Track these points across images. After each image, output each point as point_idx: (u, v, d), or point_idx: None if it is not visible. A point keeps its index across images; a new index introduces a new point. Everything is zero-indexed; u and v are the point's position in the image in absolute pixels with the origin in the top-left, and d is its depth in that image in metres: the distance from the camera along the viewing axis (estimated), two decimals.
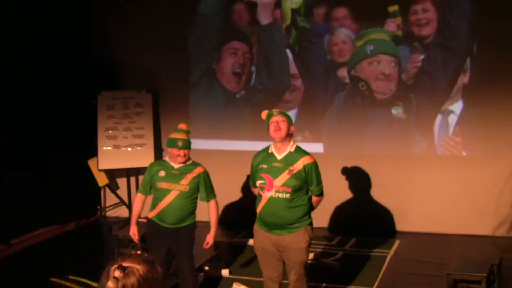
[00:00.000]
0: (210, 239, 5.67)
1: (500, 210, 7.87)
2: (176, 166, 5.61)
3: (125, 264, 2.42)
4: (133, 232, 5.76)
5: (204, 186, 5.66)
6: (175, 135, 5.62)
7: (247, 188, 8.48)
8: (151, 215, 5.65)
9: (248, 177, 5.67)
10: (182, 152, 5.56)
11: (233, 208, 8.70)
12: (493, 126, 7.85)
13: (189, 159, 5.69)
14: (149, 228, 5.72)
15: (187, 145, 5.58)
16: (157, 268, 2.49)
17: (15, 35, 8.22)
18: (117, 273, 2.36)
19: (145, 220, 5.90)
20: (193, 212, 5.66)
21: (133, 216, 5.79)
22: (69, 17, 8.98)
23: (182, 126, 5.74)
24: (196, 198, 5.69)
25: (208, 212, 5.73)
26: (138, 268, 2.41)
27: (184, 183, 5.55)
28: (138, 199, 5.78)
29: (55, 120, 8.74)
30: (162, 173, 5.59)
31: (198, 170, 5.65)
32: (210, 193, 5.71)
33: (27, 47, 8.37)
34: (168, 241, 5.58)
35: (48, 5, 8.61)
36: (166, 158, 5.74)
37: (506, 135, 7.80)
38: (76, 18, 9.13)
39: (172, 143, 5.57)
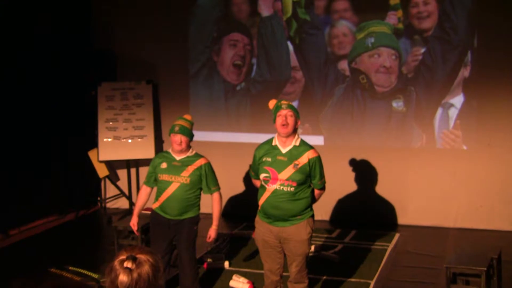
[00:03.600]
0: (212, 232, 5.58)
1: (500, 204, 7.88)
2: (178, 158, 5.53)
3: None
4: (133, 222, 5.71)
5: (206, 179, 5.53)
6: (175, 122, 5.56)
7: (247, 180, 8.49)
8: (155, 206, 5.61)
9: (249, 168, 5.63)
10: (178, 138, 5.43)
11: (233, 200, 8.70)
12: (493, 119, 7.84)
13: (192, 151, 5.60)
14: (152, 219, 5.68)
15: (183, 130, 5.45)
16: (159, 257, 2.49)
17: (13, 26, 8.19)
18: (129, 264, 2.33)
19: (149, 212, 5.89)
20: (196, 204, 5.58)
21: (136, 207, 5.74)
22: (69, 8, 8.96)
23: (186, 116, 5.67)
24: (199, 190, 5.58)
25: (211, 204, 5.64)
26: (147, 257, 2.39)
27: (185, 175, 5.46)
28: (142, 190, 5.72)
29: (55, 111, 8.73)
30: (164, 165, 5.51)
31: (199, 162, 5.54)
32: (213, 185, 5.58)
33: (27, 38, 8.34)
34: (170, 232, 5.53)
35: None
36: (170, 150, 5.63)
37: (507, 128, 7.80)
38: (76, 9, 9.11)
39: (171, 129, 5.51)
